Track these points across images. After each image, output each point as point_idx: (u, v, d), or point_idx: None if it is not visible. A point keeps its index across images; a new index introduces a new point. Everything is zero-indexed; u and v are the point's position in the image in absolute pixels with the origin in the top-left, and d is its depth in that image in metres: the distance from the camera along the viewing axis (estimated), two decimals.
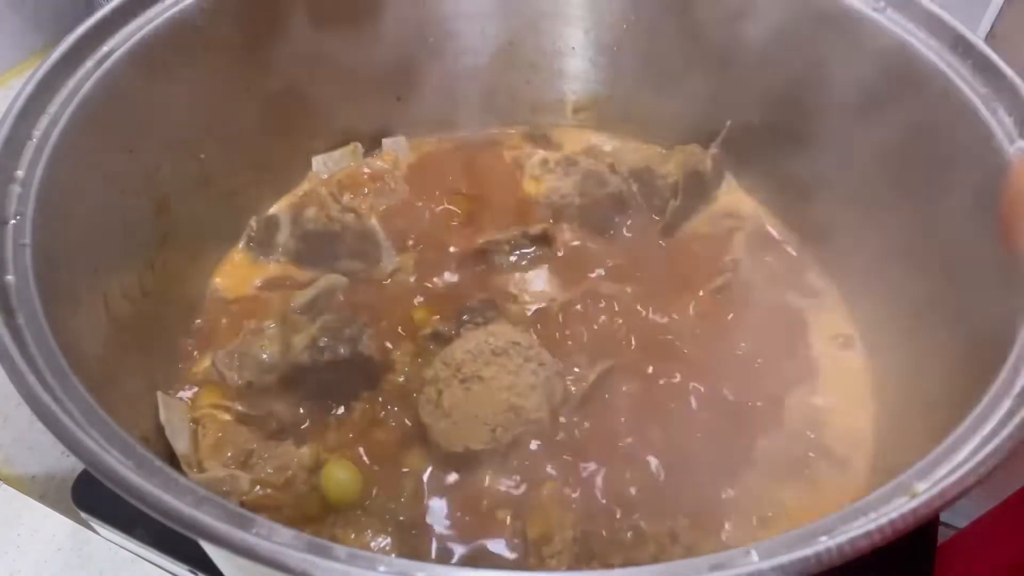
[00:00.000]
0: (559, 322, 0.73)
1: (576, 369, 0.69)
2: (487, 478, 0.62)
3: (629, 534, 0.57)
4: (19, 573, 0.70)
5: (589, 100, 0.92)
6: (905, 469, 0.43)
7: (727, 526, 0.62)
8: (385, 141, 0.90)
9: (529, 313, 0.73)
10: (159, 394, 0.65)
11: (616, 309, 0.74)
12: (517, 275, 0.78)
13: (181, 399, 0.68)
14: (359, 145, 0.87)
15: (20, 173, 0.55)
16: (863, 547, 0.38)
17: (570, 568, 0.56)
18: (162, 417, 0.64)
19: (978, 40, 0.62)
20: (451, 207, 0.83)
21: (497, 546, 0.60)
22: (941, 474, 0.43)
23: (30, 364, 0.46)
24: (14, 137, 0.55)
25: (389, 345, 0.70)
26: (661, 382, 0.69)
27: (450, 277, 0.77)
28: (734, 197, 0.86)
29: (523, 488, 0.62)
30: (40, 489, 0.84)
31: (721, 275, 0.77)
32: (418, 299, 0.75)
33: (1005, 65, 0.60)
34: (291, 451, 0.63)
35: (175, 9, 0.67)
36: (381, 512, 0.61)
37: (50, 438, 0.43)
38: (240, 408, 0.67)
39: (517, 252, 0.78)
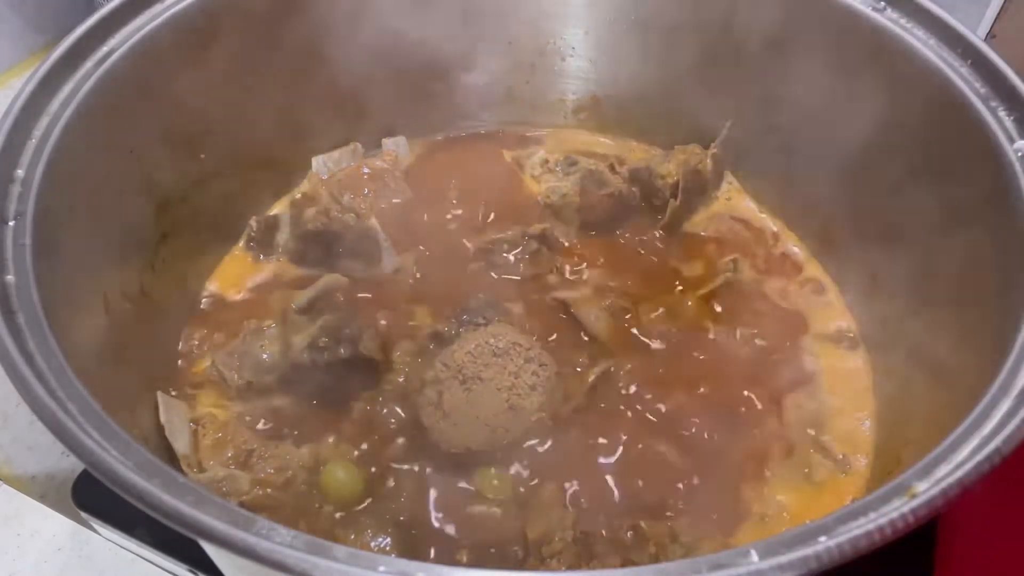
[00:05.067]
0: (559, 322, 0.73)
1: (576, 369, 0.69)
2: (487, 478, 0.62)
3: (629, 534, 0.57)
4: (19, 573, 0.70)
5: (589, 100, 0.92)
6: (905, 469, 0.43)
7: (727, 526, 0.62)
8: (385, 141, 0.90)
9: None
10: (159, 394, 0.65)
11: (616, 309, 0.74)
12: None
13: (181, 399, 0.68)
14: (359, 145, 0.87)
15: (20, 173, 0.55)
16: (863, 547, 0.38)
17: (570, 568, 0.56)
18: (162, 417, 0.64)
19: (978, 40, 0.62)
20: (451, 207, 0.83)
21: (497, 546, 0.60)
22: (941, 474, 0.43)
23: (30, 364, 0.46)
24: (14, 137, 0.55)
25: (389, 345, 0.70)
26: (661, 382, 0.69)
27: (450, 277, 0.77)
28: (734, 197, 0.86)
29: (523, 488, 0.62)
30: (40, 489, 0.84)
31: (721, 275, 0.77)
32: (418, 299, 0.75)
33: (1005, 65, 0.60)
34: (291, 451, 0.63)
35: (175, 9, 0.67)
36: (381, 512, 0.61)
37: (50, 438, 0.43)
38: (240, 408, 0.67)
39: (517, 252, 0.78)
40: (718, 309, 0.75)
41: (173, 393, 0.68)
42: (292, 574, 0.37)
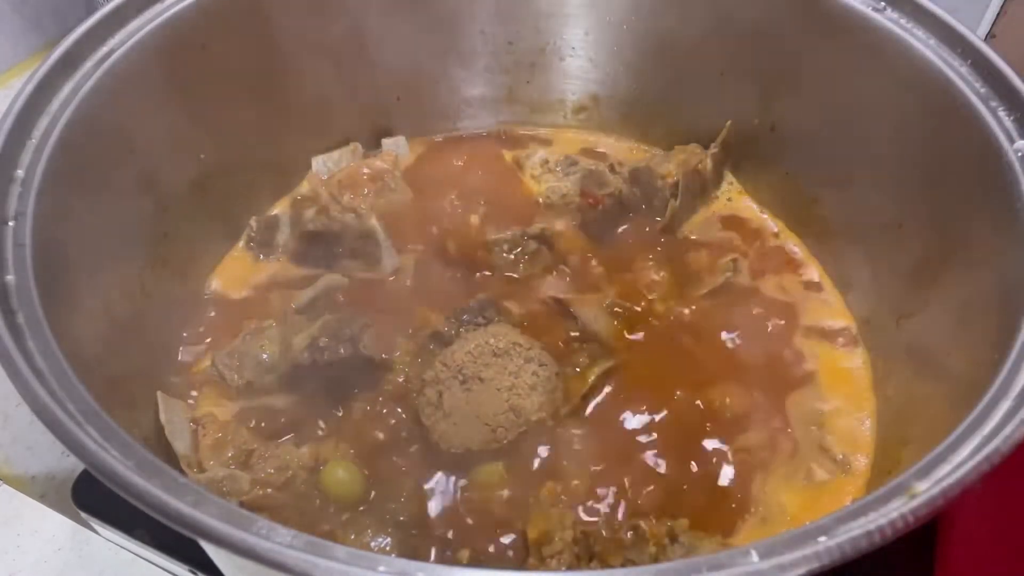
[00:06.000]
0: (559, 322, 0.73)
1: (576, 369, 0.69)
2: (487, 478, 0.62)
3: (629, 534, 0.57)
4: (19, 573, 0.70)
5: (589, 100, 0.92)
6: (905, 469, 0.43)
7: (727, 526, 0.62)
8: (385, 141, 0.90)
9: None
10: (159, 394, 0.65)
11: (616, 309, 0.74)
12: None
13: (181, 399, 0.68)
14: (359, 145, 0.87)
15: (20, 173, 0.55)
16: (863, 547, 0.38)
17: (570, 568, 0.56)
18: (162, 417, 0.64)
19: (978, 40, 0.62)
20: (451, 207, 0.83)
21: (497, 546, 0.60)
22: (941, 474, 0.43)
23: (30, 364, 0.46)
24: (14, 137, 0.55)
25: (389, 345, 0.70)
26: (661, 382, 0.69)
27: (450, 277, 0.77)
28: (734, 197, 0.86)
29: (523, 488, 0.62)
30: (40, 489, 0.84)
31: (721, 275, 0.77)
32: (418, 299, 0.75)
33: (1005, 65, 0.60)
34: (291, 451, 0.63)
35: (175, 9, 0.67)
36: (381, 512, 0.61)
37: (50, 438, 0.43)
38: (240, 408, 0.67)
39: (516, 252, 0.78)
40: (718, 309, 0.75)
41: (173, 393, 0.68)
42: (292, 574, 0.37)
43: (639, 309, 0.74)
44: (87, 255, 0.60)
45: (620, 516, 0.61)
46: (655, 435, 0.66)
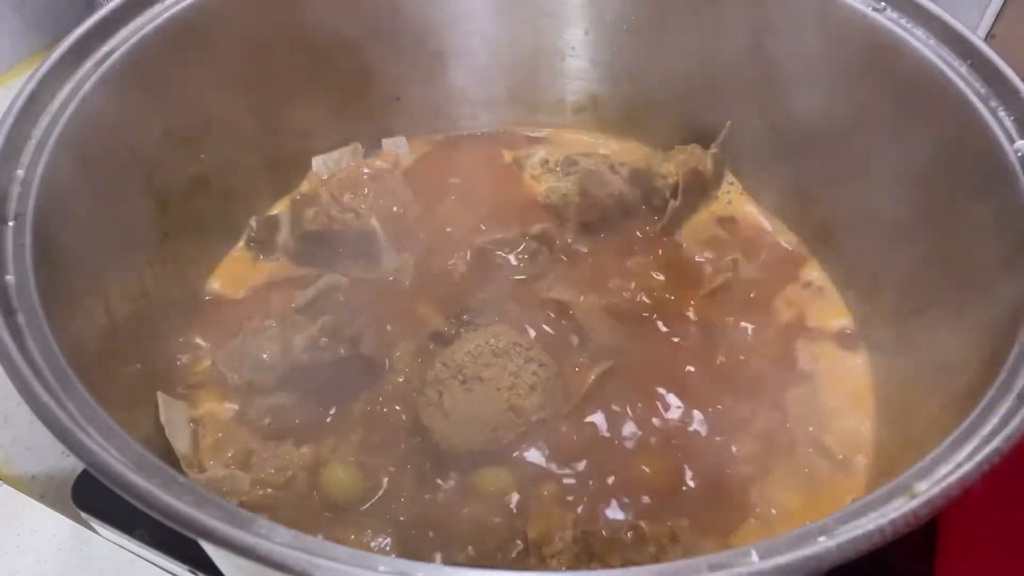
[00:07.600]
0: (559, 322, 0.73)
1: (576, 369, 0.69)
2: (488, 478, 0.62)
3: (629, 534, 0.57)
4: (19, 573, 0.70)
5: (589, 100, 0.92)
6: (905, 469, 0.43)
7: (727, 526, 0.62)
8: (385, 141, 0.90)
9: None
10: (159, 394, 0.65)
11: (616, 309, 0.74)
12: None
13: (181, 399, 0.68)
14: (359, 145, 0.87)
15: (20, 173, 0.55)
16: (863, 547, 0.38)
17: (570, 568, 0.56)
18: (162, 417, 0.64)
19: (978, 40, 0.62)
20: (451, 207, 0.83)
21: (497, 546, 0.60)
22: (941, 474, 0.43)
23: (30, 364, 0.46)
24: (14, 137, 0.55)
25: (389, 345, 0.70)
26: (661, 382, 0.69)
27: (450, 277, 0.77)
28: (734, 197, 0.86)
29: (523, 488, 0.62)
30: (40, 489, 0.84)
31: (721, 275, 0.77)
32: (418, 299, 0.75)
33: (1005, 65, 0.60)
34: (291, 451, 0.63)
35: (175, 9, 0.67)
36: (381, 512, 0.61)
37: (50, 438, 0.43)
38: (240, 408, 0.67)
39: (517, 252, 0.78)
40: (718, 309, 0.75)
41: (173, 393, 0.68)
42: (292, 574, 0.37)
43: (639, 309, 0.74)
44: (87, 255, 0.60)
45: (620, 516, 0.61)
46: (655, 435, 0.66)
